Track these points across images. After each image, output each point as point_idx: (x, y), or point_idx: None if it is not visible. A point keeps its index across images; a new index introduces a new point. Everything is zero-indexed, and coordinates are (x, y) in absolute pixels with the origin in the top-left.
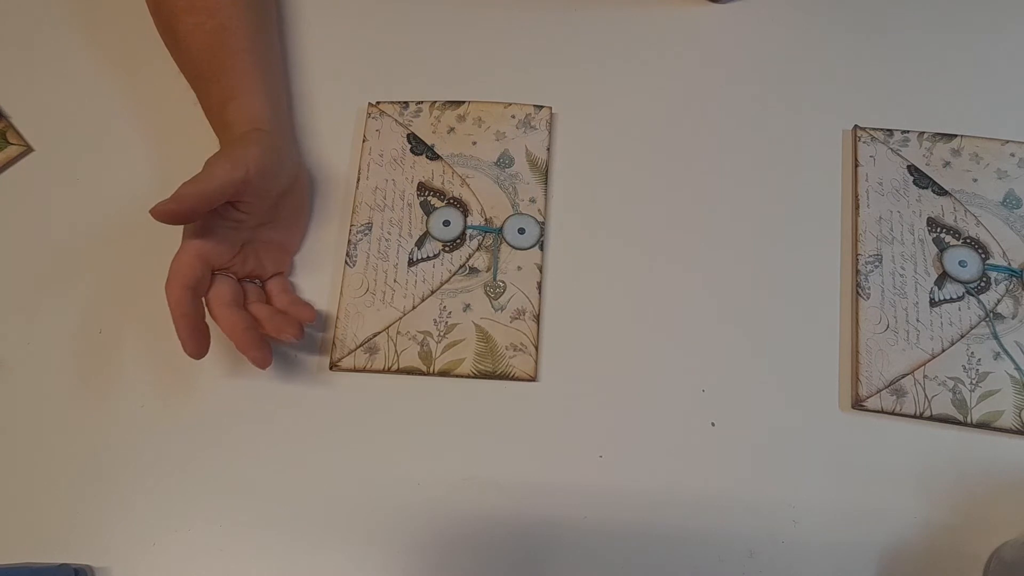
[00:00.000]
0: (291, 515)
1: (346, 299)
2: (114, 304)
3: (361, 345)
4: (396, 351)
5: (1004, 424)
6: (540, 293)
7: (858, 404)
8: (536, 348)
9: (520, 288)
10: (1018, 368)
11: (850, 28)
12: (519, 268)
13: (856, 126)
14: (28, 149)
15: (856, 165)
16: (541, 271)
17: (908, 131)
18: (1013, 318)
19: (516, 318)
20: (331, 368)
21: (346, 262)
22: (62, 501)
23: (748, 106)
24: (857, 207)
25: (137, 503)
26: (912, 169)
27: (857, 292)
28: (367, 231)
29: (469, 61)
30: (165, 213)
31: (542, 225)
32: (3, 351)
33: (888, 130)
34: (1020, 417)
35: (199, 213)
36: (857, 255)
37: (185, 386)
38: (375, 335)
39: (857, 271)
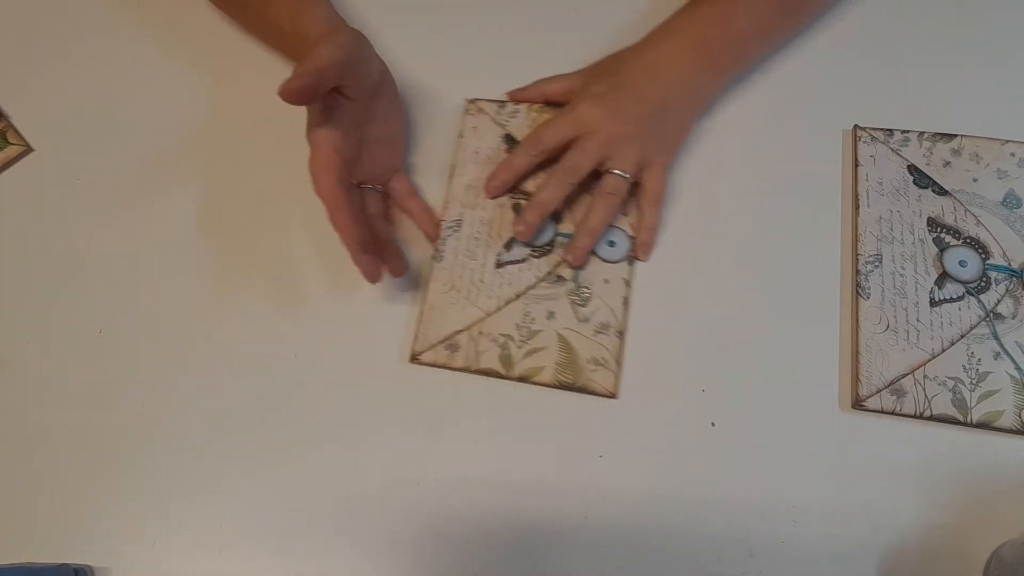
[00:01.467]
0: (291, 515)
1: (431, 293)
2: (114, 304)
3: (443, 341)
4: (477, 351)
5: (1004, 424)
6: (626, 309)
7: (858, 404)
8: (618, 364)
9: (606, 301)
10: (1018, 368)
11: (850, 28)
12: (606, 281)
13: (856, 126)
14: (28, 149)
15: (856, 165)
16: (629, 286)
17: (908, 131)
18: (1013, 318)
19: (600, 332)
20: (412, 360)
21: (434, 257)
22: (62, 501)
23: (748, 106)
24: (857, 207)
25: (137, 503)
26: (912, 169)
27: (857, 292)
28: (457, 228)
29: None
30: (293, 91)
31: (633, 240)
32: (3, 351)
33: (888, 130)
34: (1020, 417)
35: (321, 90)
36: (857, 255)
37: (184, 386)
38: (457, 333)
39: (857, 271)
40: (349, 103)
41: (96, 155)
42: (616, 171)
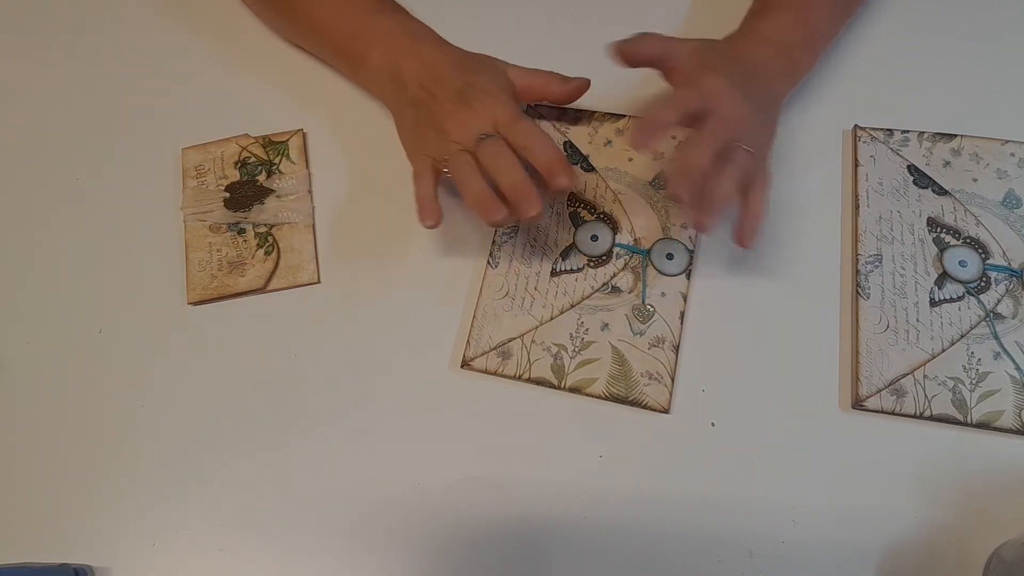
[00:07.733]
0: (291, 515)
1: (484, 299)
2: (114, 304)
3: (495, 348)
4: (529, 360)
5: (1004, 424)
6: (682, 323)
7: (858, 404)
8: (672, 379)
9: (662, 315)
10: (1018, 368)
11: (850, 28)
12: (663, 294)
13: (856, 126)
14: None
15: (856, 165)
16: (686, 300)
17: (908, 131)
18: (1013, 318)
19: (655, 345)
20: (463, 367)
21: (488, 263)
22: (62, 501)
23: None
24: (857, 207)
25: (137, 503)
26: (912, 169)
27: (857, 292)
28: (512, 234)
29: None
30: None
31: (692, 253)
32: (3, 351)
33: (888, 130)
34: (1020, 417)
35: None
36: (857, 255)
37: (184, 385)
38: (510, 340)
39: (857, 271)
40: None
41: (94, 155)
42: (747, 148)
